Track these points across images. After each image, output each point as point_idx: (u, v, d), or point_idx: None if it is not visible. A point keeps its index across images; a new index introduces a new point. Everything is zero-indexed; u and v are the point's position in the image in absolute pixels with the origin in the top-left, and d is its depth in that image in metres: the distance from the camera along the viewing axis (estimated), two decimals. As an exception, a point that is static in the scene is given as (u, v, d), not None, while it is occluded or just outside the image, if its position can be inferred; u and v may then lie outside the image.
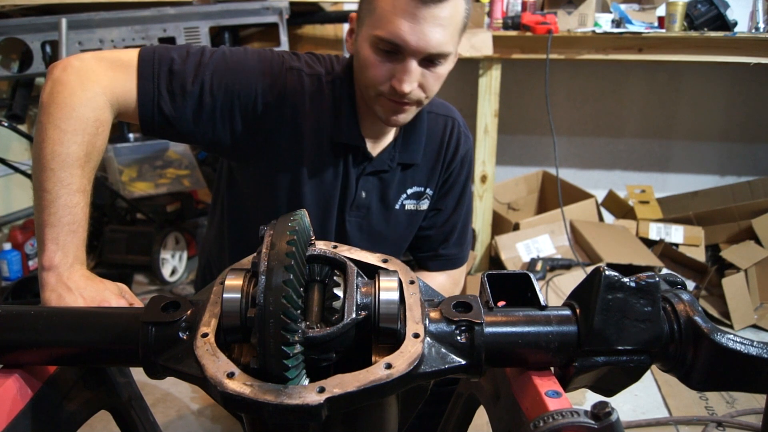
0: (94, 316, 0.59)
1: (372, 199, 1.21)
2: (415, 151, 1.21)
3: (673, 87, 3.21)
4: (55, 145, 0.85)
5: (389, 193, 1.22)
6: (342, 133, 1.14)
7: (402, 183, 1.23)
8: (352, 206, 1.20)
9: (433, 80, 1.05)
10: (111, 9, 2.43)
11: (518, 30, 2.56)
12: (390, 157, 1.19)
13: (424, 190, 1.25)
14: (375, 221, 1.23)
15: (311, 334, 0.50)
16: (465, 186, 1.31)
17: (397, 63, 1.01)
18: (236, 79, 1.07)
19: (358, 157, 1.17)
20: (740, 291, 2.50)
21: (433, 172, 1.25)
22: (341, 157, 1.16)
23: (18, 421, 0.54)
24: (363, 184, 1.19)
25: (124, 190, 2.96)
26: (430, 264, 1.33)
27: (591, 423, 0.46)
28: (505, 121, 3.14)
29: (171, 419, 1.94)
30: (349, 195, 1.19)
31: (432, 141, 1.24)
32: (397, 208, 1.24)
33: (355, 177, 1.18)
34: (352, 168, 1.17)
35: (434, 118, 1.24)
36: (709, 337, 0.53)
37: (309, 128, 1.13)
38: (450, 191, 1.29)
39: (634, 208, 2.88)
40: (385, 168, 1.19)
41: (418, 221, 1.28)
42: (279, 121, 1.11)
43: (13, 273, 2.86)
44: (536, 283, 0.60)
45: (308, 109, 1.12)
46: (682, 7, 2.55)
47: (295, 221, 0.52)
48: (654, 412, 1.98)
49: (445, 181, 1.28)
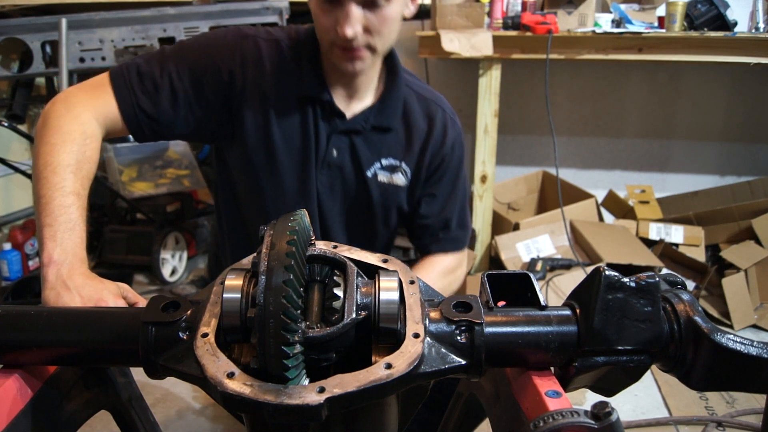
0: (95, 316, 0.59)
1: (344, 159, 1.22)
2: (390, 116, 1.22)
3: (673, 87, 3.21)
4: (47, 156, 0.92)
5: (361, 156, 1.23)
6: (306, 87, 1.17)
7: (377, 150, 1.24)
8: (323, 164, 1.22)
9: (379, 22, 1.07)
10: (111, 9, 2.43)
11: (518, 30, 2.56)
12: (365, 119, 1.21)
13: (399, 163, 1.25)
14: (348, 184, 1.24)
15: (311, 334, 0.50)
16: (459, 171, 1.32)
17: (339, 9, 1.05)
18: (197, 59, 1.13)
19: (327, 113, 1.19)
20: (740, 291, 2.50)
21: (411, 149, 1.25)
22: (309, 112, 1.19)
23: (18, 421, 0.54)
24: (335, 142, 1.21)
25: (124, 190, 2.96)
26: (433, 247, 1.33)
27: (591, 423, 0.46)
28: (505, 121, 3.14)
29: (171, 419, 1.94)
30: (320, 151, 1.21)
31: (414, 120, 1.25)
32: (370, 176, 1.24)
33: (326, 134, 1.20)
34: (322, 122, 1.20)
35: (421, 99, 1.26)
36: (709, 337, 0.53)
37: (273, 88, 1.17)
38: (443, 177, 1.30)
39: (634, 208, 2.88)
40: (358, 128, 1.21)
41: (393, 199, 1.28)
42: (244, 86, 1.15)
43: (13, 273, 2.86)
44: (536, 283, 0.60)
45: (269, 70, 1.16)
46: (682, 7, 2.55)
47: (295, 221, 0.52)
48: (654, 412, 1.98)
49: (437, 168, 1.28)
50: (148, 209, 2.96)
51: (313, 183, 1.23)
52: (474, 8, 2.57)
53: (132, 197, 2.95)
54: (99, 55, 2.39)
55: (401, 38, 3.31)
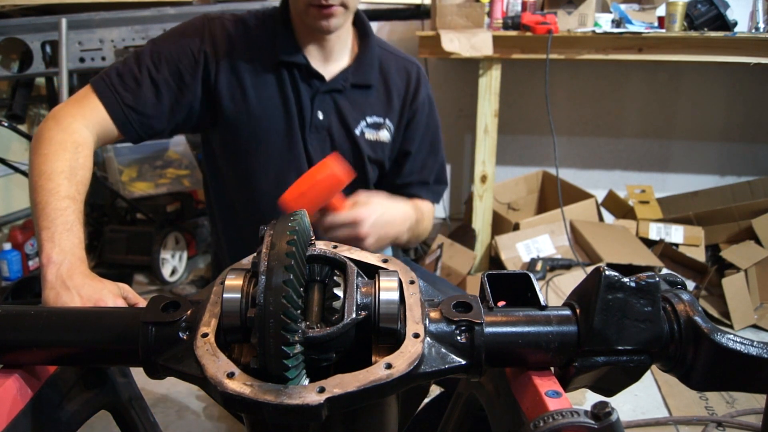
0: (95, 316, 0.59)
1: (331, 120, 1.26)
2: (367, 73, 1.27)
3: (673, 87, 3.21)
4: (41, 166, 0.94)
5: (347, 115, 1.27)
6: (280, 52, 1.21)
7: (360, 108, 1.28)
8: (311, 128, 1.25)
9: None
10: (111, 9, 2.43)
11: (518, 30, 2.56)
12: (344, 78, 1.26)
13: (383, 120, 1.31)
14: (338, 146, 1.27)
15: (311, 334, 0.50)
16: (437, 129, 1.39)
17: None
18: (170, 48, 1.17)
19: (305, 75, 1.23)
20: (740, 291, 2.50)
21: (390, 105, 1.31)
22: (288, 78, 1.23)
23: (18, 421, 0.54)
24: (319, 105, 1.25)
25: (124, 190, 2.96)
26: (419, 193, 1.38)
27: (591, 423, 0.46)
28: (505, 121, 3.14)
29: (171, 419, 1.94)
30: (305, 116, 1.24)
31: (391, 77, 1.31)
32: (358, 134, 1.28)
33: (309, 97, 1.24)
34: (302, 86, 1.23)
35: (395, 59, 1.33)
36: (709, 337, 0.53)
37: (248, 60, 1.21)
38: (419, 132, 1.35)
39: (634, 208, 2.88)
40: (339, 87, 1.25)
41: (381, 155, 1.32)
42: (218, 63, 1.19)
43: (13, 273, 2.86)
44: (536, 283, 0.60)
45: (241, 44, 1.21)
46: (682, 7, 2.55)
47: (295, 221, 0.52)
48: (654, 412, 1.98)
49: (411, 122, 1.33)
50: (148, 209, 2.96)
51: (301, 149, 1.26)
52: (474, 8, 2.57)
53: (132, 197, 2.95)
54: (99, 55, 2.39)
55: (401, 38, 3.33)
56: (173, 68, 1.16)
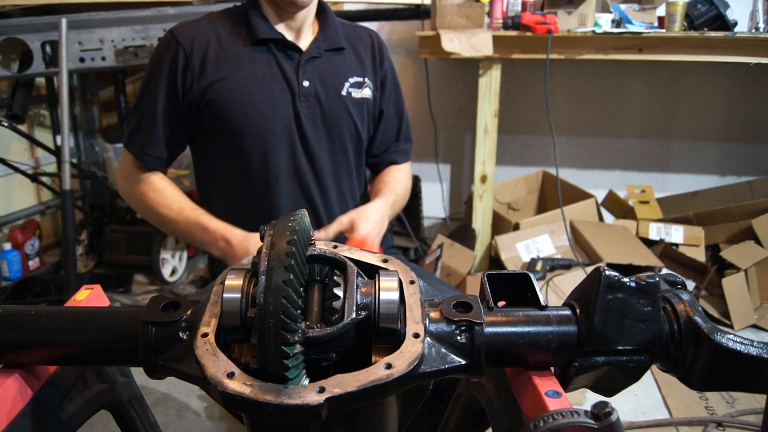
0: (94, 315, 0.59)
1: (317, 87, 1.33)
2: (335, 37, 1.37)
3: (673, 87, 3.21)
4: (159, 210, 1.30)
5: (330, 78, 1.34)
6: (258, 31, 1.29)
7: (341, 71, 1.36)
8: (300, 97, 1.31)
9: None
10: (111, 9, 2.43)
11: (518, 30, 2.56)
12: (317, 47, 1.34)
13: (363, 79, 1.39)
14: (327, 110, 1.34)
15: (311, 334, 0.50)
16: (398, 87, 1.49)
17: None
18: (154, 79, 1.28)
19: (284, 49, 1.31)
20: (740, 291, 2.50)
21: (363, 65, 1.40)
22: (269, 53, 1.31)
23: (18, 421, 0.54)
24: (303, 74, 1.31)
25: (124, 190, 2.95)
26: (397, 158, 1.50)
27: (591, 423, 0.46)
28: (505, 121, 3.14)
29: (171, 419, 1.94)
30: (293, 86, 1.30)
31: (355, 40, 1.41)
32: (344, 94, 1.36)
33: (293, 69, 1.31)
34: (284, 60, 1.31)
35: (353, 28, 1.44)
36: (709, 337, 0.53)
37: (226, 50, 1.28)
38: (390, 94, 1.46)
39: (634, 208, 2.88)
40: (316, 54, 1.33)
41: (366, 112, 1.40)
42: (203, 62, 1.27)
43: (13, 273, 2.86)
44: (536, 283, 0.60)
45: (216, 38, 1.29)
46: (682, 7, 2.54)
47: (295, 221, 0.52)
48: (654, 412, 1.98)
49: (382, 82, 1.44)
50: (148, 209, 2.95)
51: (292, 119, 1.31)
52: (474, 8, 2.57)
53: (132, 197, 2.95)
54: (99, 55, 2.39)
55: (401, 38, 3.33)
56: (167, 95, 1.27)
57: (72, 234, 2.24)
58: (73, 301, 0.67)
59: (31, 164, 3.16)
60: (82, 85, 3.33)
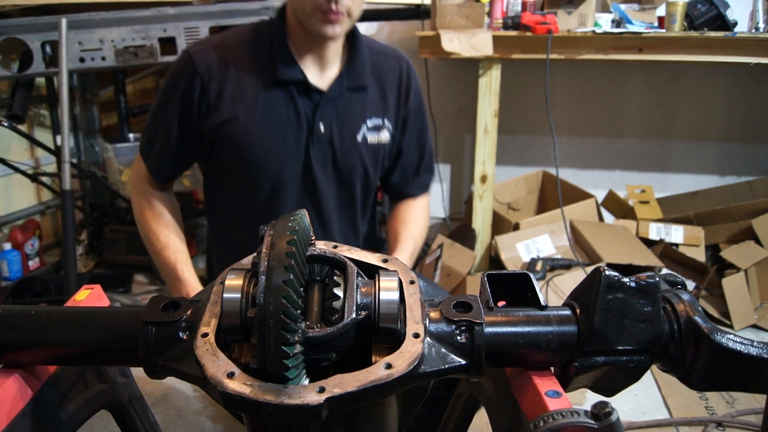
0: (94, 316, 0.58)
1: (332, 131, 1.28)
2: (360, 74, 1.30)
3: (673, 87, 3.21)
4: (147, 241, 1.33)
5: (348, 121, 1.29)
6: (278, 71, 1.24)
7: (360, 112, 1.30)
8: (313, 141, 1.27)
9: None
10: (111, 9, 2.43)
11: (518, 30, 2.56)
12: (339, 85, 1.28)
13: (382, 121, 1.33)
14: (339, 155, 1.29)
15: (311, 334, 0.50)
16: (424, 119, 1.42)
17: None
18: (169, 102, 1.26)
19: (303, 91, 1.26)
20: (740, 291, 2.50)
21: (386, 104, 1.34)
22: (286, 93, 1.25)
23: (18, 421, 0.54)
24: (320, 117, 1.27)
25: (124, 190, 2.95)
26: (414, 191, 1.45)
27: (591, 423, 0.46)
28: (505, 121, 3.14)
29: (171, 419, 1.94)
30: (307, 129, 1.26)
31: (382, 74, 1.34)
32: (360, 139, 1.30)
33: (310, 110, 1.26)
34: (302, 102, 1.26)
35: (384, 57, 1.36)
36: (709, 337, 0.53)
37: (245, 83, 1.24)
38: (414, 129, 1.39)
39: (634, 208, 2.88)
40: (336, 95, 1.28)
41: (382, 156, 1.35)
42: (220, 91, 1.23)
43: (13, 273, 2.86)
44: (536, 283, 0.59)
45: (237, 68, 1.24)
46: (682, 7, 2.54)
47: (295, 221, 0.52)
48: (654, 412, 1.98)
49: (405, 119, 1.37)
50: (148, 209, 2.96)
51: (302, 161, 1.28)
52: (474, 8, 2.57)
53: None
54: (99, 55, 2.39)
55: (401, 38, 3.32)
56: (181, 120, 1.25)
57: (72, 234, 2.24)
58: (73, 301, 0.67)
59: (31, 164, 3.15)
60: (82, 85, 3.33)
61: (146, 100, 3.50)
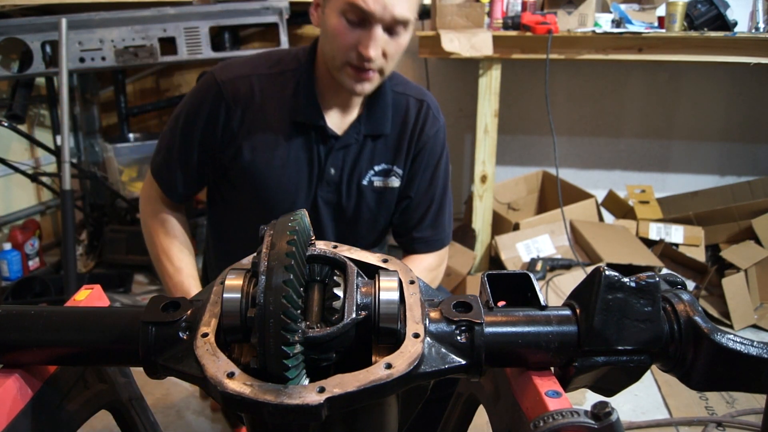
0: (94, 316, 0.58)
1: (342, 174, 1.26)
2: (380, 121, 1.26)
3: (673, 87, 3.21)
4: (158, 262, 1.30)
5: (356, 167, 1.27)
6: (301, 113, 1.21)
7: (369, 157, 1.27)
8: (322, 183, 1.26)
9: (395, 49, 1.14)
10: (111, 9, 2.43)
11: (518, 30, 2.56)
12: (356, 131, 1.25)
13: (391, 167, 1.29)
14: (344, 197, 1.28)
15: (311, 334, 0.50)
16: (436, 168, 1.33)
17: (364, 30, 1.10)
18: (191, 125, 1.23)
19: (321, 136, 1.24)
20: (740, 291, 2.50)
21: (399, 149, 1.29)
22: (304, 135, 1.23)
23: (18, 421, 0.54)
24: (332, 161, 1.25)
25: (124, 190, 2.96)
26: (410, 248, 1.37)
27: (591, 423, 0.46)
28: (505, 121, 3.14)
29: (171, 419, 1.94)
30: (318, 172, 1.25)
31: (400, 119, 1.28)
32: (365, 184, 1.28)
33: (324, 154, 1.25)
34: (317, 146, 1.24)
35: (406, 99, 1.29)
36: (709, 337, 0.53)
37: (267, 119, 1.22)
38: (418, 173, 1.31)
39: (634, 208, 2.88)
40: (352, 141, 1.25)
41: (389, 200, 1.31)
42: (241, 123, 1.21)
43: (13, 273, 2.86)
44: (536, 283, 0.59)
45: (261, 103, 1.21)
46: (682, 7, 2.54)
47: (295, 221, 0.52)
48: (654, 412, 1.98)
49: (413, 162, 1.30)
50: (148, 209, 2.95)
51: (309, 201, 1.27)
52: (474, 8, 2.57)
53: (132, 197, 2.95)
54: (99, 55, 2.39)
55: (401, 38, 3.30)
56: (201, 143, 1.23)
57: (72, 234, 2.24)
58: (73, 301, 0.67)
59: (31, 164, 3.15)
60: (82, 85, 3.33)
61: (146, 100, 3.50)
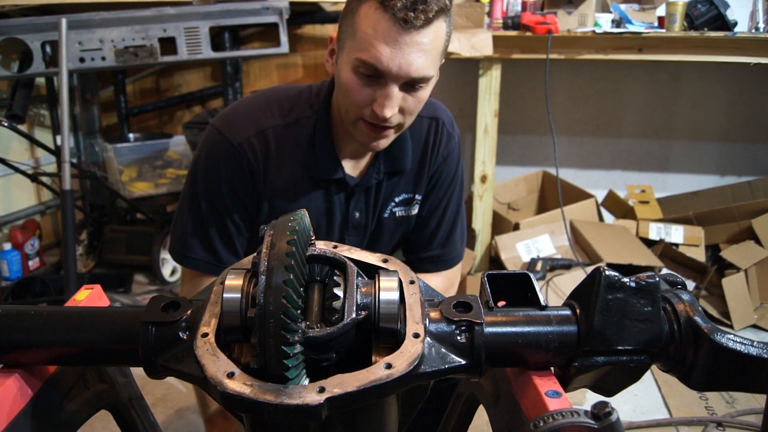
0: (94, 316, 0.58)
1: (367, 216, 1.22)
2: (399, 157, 1.19)
3: (673, 87, 3.21)
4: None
5: (378, 203, 1.23)
6: (320, 169, 1.15)
7: (389, 192, 1.23)
8: (348, 228, 1.21)
9: (414, 104, 1.05)
10: (111, 9, 2.43)
11: (518, 30, 2.56)
12: (376, 171, 1.19)
13: (413, 196, 1.25)
14: (370, 234, 1.26)
15: (311, 334, 0.50)
16: (450, 185, 1.29)
17: (379, 87, 1.00)
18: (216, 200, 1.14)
19: (340, 185, 1.18)
20: (740, 291, 2.50)
21: (419, 177, 1.24)
22: (324, 188, 1.18)
23: (18, 421, 0.54)
24: (354, 206, 1.20)
25: (124, 190, 2.96)
26: (418, 266, 1.32)
27: (591, 423, 0.46)
28: (505, 121, 3.13)
29: (171, 419, 1.94)
30: (342, 218, 1.20)
31: (420, 150, 1.23)
32: (387, 216, 1.24)
33: (344, 201, 1.20)
34: (336, 196, 1.19)
35: (419, 121, 1.21)
36: (709, 337, 0.53)
37: (284, 177, 1.15)
38: (432, 192, 1.27)
39: (634, 208, 2.88)
40: (371, 183, 1.20)
41: (408, 225, 1.29)
42: (264, 186, 1.15)
43: (13, 273, 2.86)
44: (536, 283, 0.59)
45: (277, 162, 1.14)
46: (682, 7, 2.54)
47: (295, 221, 0.52)
48: (654, 412, 1.98)
49: (429, 182, 1.26)
50: (148, 209, 2.96)
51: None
52: (474, 8, 2.57)
53: (132, 197, 2.95)
54: (99, 55, 2.39)
55: (401, 38, 3.30)
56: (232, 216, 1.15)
57: (72, 234, 2.24)
58: (73, 301, 0.67)
59: (31, 164, 3.15)
60: (82, 85, 3.33)
61: (146, 100, 3.50)
